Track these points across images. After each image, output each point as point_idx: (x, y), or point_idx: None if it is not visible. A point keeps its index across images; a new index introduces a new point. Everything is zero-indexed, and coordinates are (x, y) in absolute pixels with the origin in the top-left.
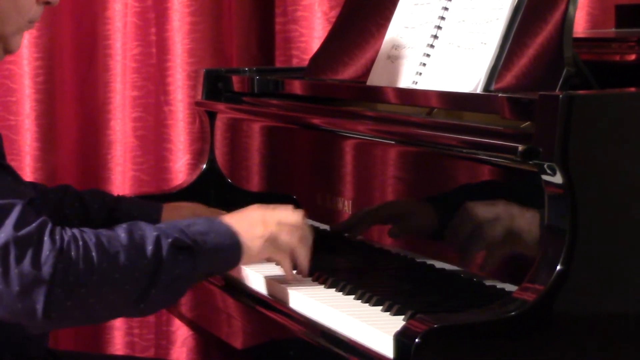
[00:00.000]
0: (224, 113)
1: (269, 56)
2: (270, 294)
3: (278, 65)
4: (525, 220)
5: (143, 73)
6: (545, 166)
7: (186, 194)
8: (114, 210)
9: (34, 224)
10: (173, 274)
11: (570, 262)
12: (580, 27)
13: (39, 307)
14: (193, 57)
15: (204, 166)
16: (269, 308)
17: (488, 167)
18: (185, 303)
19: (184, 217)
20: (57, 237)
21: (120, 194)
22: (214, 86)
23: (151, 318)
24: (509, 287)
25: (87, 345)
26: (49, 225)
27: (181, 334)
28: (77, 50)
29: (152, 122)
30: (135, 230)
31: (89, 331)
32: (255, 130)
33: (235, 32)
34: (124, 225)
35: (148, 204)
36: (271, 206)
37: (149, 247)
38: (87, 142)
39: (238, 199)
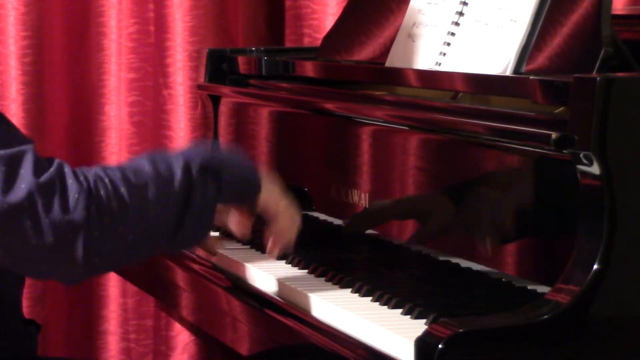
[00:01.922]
0: (229, 97)
1: (278, 35)
2: (279, 295)
3: (288, 44)
4: (559, 215)
5: (140, 53)
6: (581, 155)
7: None
8: None
9: (52, 168)
10: (205, 197)
11: (608, 260)
12: (619, 2)
13: (78, 254)
14: (195, 35)
15: None
16: (278, 311)
17: (518, 157)
18: (186, 305)
19: None
20: (82, 178)
21: None
22: (218, 68)
23: (149, 322)
24: (541, 289)
25: (78, 351)
26: (68, 167)
27: (182, 339)
28: (68, 29)
29: (150, 107)
30: (159, 159)
31: (81, 336)
32: (263, 116)
33: (241, 8)
34: (145, 156)
35: None
36: None
37: (178, 175)
38: (79, 129)
39: None
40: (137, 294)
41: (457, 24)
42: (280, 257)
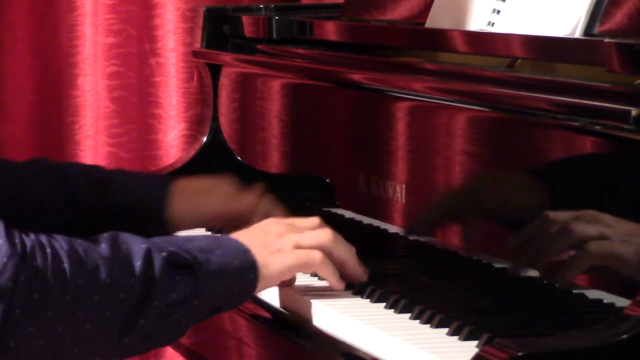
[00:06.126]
0: (232, 66)
1: None
2: (296, 312)
3: (304, 0)
4: None
5: (121, 13)
6: None
7: (181, 176)
8: (106, 186)
9: None
10: (168, 299)
11: None
12: None
13: None
14: None
15: (205, 139)
16: (295, 332)
17: (590, 139)
18: None
19: (207, 205)
20: (17, 240)
21: None
22: (218, 30)
23: None
24: (620, 302)
25: None
26: (1, 225)
27: None
28: None
29: (134, 80)
30: (120, 240)
31: None
32: (274, 90)
33: None
34: (105, 235)
35: (152, 179)
36: (287, 219)
37: (137, 263)
38: (47, 107)
39: (250, 183)
40: None
41: None
42: None
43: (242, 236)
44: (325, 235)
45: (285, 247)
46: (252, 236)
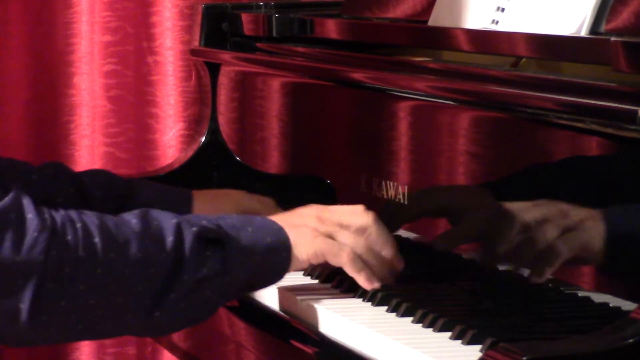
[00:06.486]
0: (231, 65)
1: None
2: (296, 315)
3: None
4: None
5: (118, 10)
6: None
7: (179, 176)
8: (126, 199)
9: (7, 197)
10: (198, 274)
11: None
12: None
13: (24, 306)
14: None
15: (204, 139)
16: (294, 335)
17: (596, 140)
18: None
19: (224, 210)
20: (46, 215)
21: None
22: (217, 28)
23: (131, 350)
24: (627, 305)
25: None
26: (28, 199)
27: None
28: None
29: (131, 78)
30: (151, 216)
31: None
32: (274, 89)
33: None
34: (135, 211)
35: (173, 191)
36: (330, 207)
37: (169, 238)
38: (42, 106)
39: (250, 184)
40: None
41: None
42: None
43: (277, 217)
44: (362, 241)
45: (319, 231)
46: (287, 217)
